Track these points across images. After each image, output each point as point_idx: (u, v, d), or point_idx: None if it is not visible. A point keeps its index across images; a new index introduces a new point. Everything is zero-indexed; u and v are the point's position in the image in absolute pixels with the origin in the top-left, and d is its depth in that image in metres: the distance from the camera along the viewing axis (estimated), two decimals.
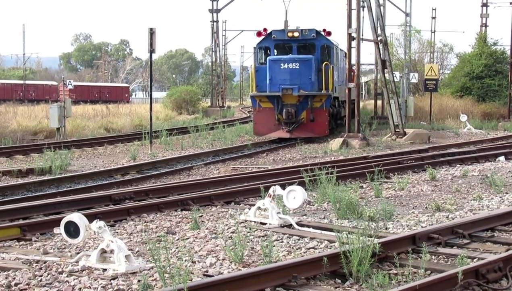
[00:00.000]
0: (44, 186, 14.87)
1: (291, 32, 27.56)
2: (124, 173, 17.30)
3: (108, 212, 11.07)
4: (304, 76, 26.27)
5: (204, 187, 14.28)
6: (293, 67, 26.14)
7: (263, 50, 28.41)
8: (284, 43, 28.01)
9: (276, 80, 26.28)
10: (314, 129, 26.73)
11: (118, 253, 7.99)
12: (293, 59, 26.50)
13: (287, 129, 26.32)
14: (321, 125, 26.66)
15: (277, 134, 26.79)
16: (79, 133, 30.27)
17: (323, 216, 11.39)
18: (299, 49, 27.62)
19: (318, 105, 26.47)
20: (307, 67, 26.41)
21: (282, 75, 26.21)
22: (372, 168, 15.57)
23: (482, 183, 15.38)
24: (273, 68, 26.42)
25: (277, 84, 26.25)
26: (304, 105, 26.48)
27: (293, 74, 26.11)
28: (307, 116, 26.51)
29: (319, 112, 26.53)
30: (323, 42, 28.04)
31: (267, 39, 28.12)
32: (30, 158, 20.95)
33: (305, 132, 26.62)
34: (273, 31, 27.98)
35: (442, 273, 7.31)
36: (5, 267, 8.12)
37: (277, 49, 28.16)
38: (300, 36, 27.53)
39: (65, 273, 7.87)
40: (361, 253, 7.68)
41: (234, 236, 9.11)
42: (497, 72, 50.14)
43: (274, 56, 27.24)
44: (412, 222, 10.89)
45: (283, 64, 26.29)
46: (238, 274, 7.29)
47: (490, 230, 10.12)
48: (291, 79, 26.07)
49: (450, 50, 71.86)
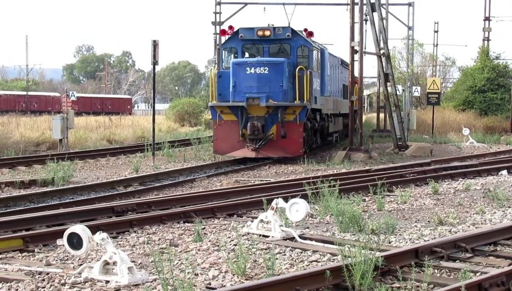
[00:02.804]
0: (46, 197, 14.87)
1: (261, 30, 23.89)
2: (127, 184, 17.30)
3: (111, 224, 11.07)
4: (275, 83, 22.32)
5: (206, 199, 14.25)
6: (261, 72, 22.26)
7: (228, 52, 24.77)
8: (254, 43, 24.39)
9: (241, 87, 22.51)
10: (286, 148, 22.72)
11: (120, 265, 8.00)
12: (261, 62, 22.56)
13: (253, 147, 22.42)
14: (294, 143, 22.67)
15: (241, 153, 22.93)
16: (82, 145, 30.30)
17: (325, 229, 11.39)
18: (271, 50, 24.02)
19: (290, 118, 22.52)
20: (278, 72, 22.42)
21: (248, 82, 22.39)
22: (375, 181, 15.61)
23: (484, 196, 15.38)
24: (237, 73, 22.68)
25: (242, 92, 22.44)
26: (273, 118, 22.52)
27: (261, 81, 22.24)
28: (278, 132, 22.50)
29: (292, 127, 22.55)
30: (300, 43, 24.21)
31: (233, 39, 24.56)
32: (33, 169, 20.98)
33: (274, 151, 22.81)
34: (241, 29, 24.42)
35: (445, 287, 7.31)
36: (8, 278, 8.13)
37: (246, 51, 24.64)
38: (272, 36, 23.82)
39: (67, 284, 7.89)
40: (364, 267, 7.68)
41: (237, 248, 9.11)
42: (499, 86, 50.27)
43: (238, 59, 23.60)
44: (414, 235, 10.89)
45: (249, 68, 22.42)
46: (240, 286, 7.29)
47: (493, 244, 10.12)
48: (258, 86, 22.24)
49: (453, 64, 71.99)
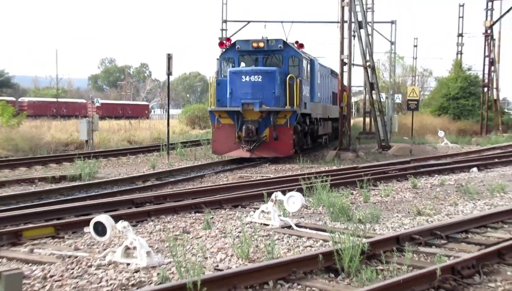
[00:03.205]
0: (75, 191, 14.88)
1: (256, 42, 23.52)
2: (145, 179, 17.30)
3: (131, 214, 11.10)
4: (267, 90, 21.92)
5: (214, 192, 14.24)
6: (256, 80, 21.91)
7: (226, 62, 24.16)
8: (249, 54, 23.84)
9: (237, 94, 22.10)
10: (278, 149, 22.23)
11: (140, 250, 8.02)
12: (255, 71, 22.18)
13: (247, 148, 22.05)
14: (285, 145, 22.16)
15: (237, 154, 22.43)
16: (105, 145, 30.29)
17: (318, 218, 11.40)
18: (265, 60, 23.67)
19: (282, 122, 22.05)
20: (270, 80, 22.00)
21: (244, 89, 21.98)
22: (361, 177, 15.60)
23: (457, 190, 15.38)
24: (234, 81, 22.22)
25: (238, 98, 22.05)
26: (266, 122, 22.08)
27: (255, 88, 21.86)
28: (270, 134, 22.06)
29: (283, 130, 22.05)
30: (291, 53, 23.78)
31: (231, 50, 24.07)
32: (63, 166, 21.00)
33: (267, 151, 22.25)
34: (237, 41, 24.21)
35: (422, 269, 7.33)
36: (42, 261, 8.16)
37: (242, 61, 24.06)
38: (266, 47, 23.35)
39: (93, 266, 7.91)
40: (352, 251, 7.70)
41: (241, 235, 9.12)
42: (470, 94, 50.29)
43: (235, 68, 23.10)
44: (396, 224, 10.91)
45: (244, 76, 22.03)
46: (244, 268, 7.31)
47: (465, 232, 10.14)
48: (253, 93, 21.86)
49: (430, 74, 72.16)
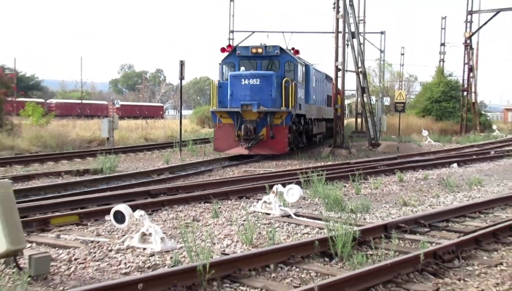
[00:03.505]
0: (97, 183, 14.90)
1: (255, 48, 23.15)
2: (159, 173, 17.31)
3: (147, 204, 11.11)
4: (265, 92, 21.45)
5: (222, 185, 14.24)
6: (254, 83, 21.45)
7: (227, 66, 23.51)
8: (249, 59, 23.29)
9: (237, 96, 21.63)
10: (274, 147, 21.71)
11: (155, 236, 8.04)
12: (254, 75, 21.71)
13: (246, 146, 21.53)
14: (280, 143, 21.63)
15: (236, 151, 21.96)
16: (124, 142, 30.33)
17: (314, 208, 11.41)
18: (263, 65, 23.08)
19: (278, 122, 21.55)
20: (267, 83, 21.54)
21: (243, 91, 21.51)
22: (353, 171, 15.60)
23: (439, 184, 15.38)
24: (234, 84, 21.76)
25: (238, 100, 21.58)
26: (263, 122, 21.58)
27: (253, 90, 21.41)
28: (267, 133, 21.56)
29: (279, 129, 21.53)
30: (287, 59, 23.20)
31: (232, 55, 23.49)
32: (86, 161, 21.03)
33: (264, 149, 21.75)
34: (238, 47, 24.10)
35: (407, 254, 7.34)
36: (67, 245, 8.19)
37: (242, 65, 23.28)
38: (264, 53, 22.92)
39: (113, 251, 7.93)
40: (344, 238, 7.71)
41: (245, 223, 9.13)
42: (451, 97, 50.29)
43: (235, 72, 22.55)
44: (384, 214, 10.92)
45: (244, 80, 21.58)
46: (248, 253, 7.33)
47: (445, 221, 10.15)
48: (251, 95, 21.43)
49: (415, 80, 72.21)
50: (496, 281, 6.81)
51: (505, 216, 10.78)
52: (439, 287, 6.58)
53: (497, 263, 7.60)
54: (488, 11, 43.61)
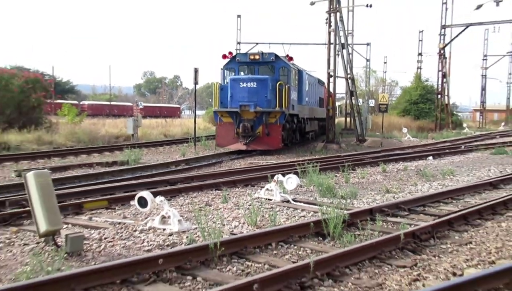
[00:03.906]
0: (123, 173, 14.93)
1: (252, 55, 22.70)
2: (177, 164, 17.32)
3: (166, 191, 11.12)
4: (261, 94, 20.98)
5: (230, 175, 14.25)
6: (251, 86, 21.02)
7: (228, 71, 22.92)
8: (247, 64, 22.74)
9: (236, 97, 21.12)
10: (269, 143, 21.19)
11: (173, 218, 8.05)
12: (251, 79, 21.28)
13: (244, 142, 21.12)
14: (275, 140, 21.14)
15: (236, 147, 21.36)
16: (147, 138, 30.35)
17: (310, 195, 11.41)
18: (260, 70, 22.53)
19: (272, 121, 21.05)
20: (263, 86, 21.04)
21: (241, 93, 21.05)
22: (343, 163, 15.61)
23: (417, 174, 15.36)
24: (234, 86, 21.23)
25: (237, 101, 21.09)
26: (260, 121, 21.08)
27: (251, 93, 20.98)
28: (263, 131, 21.11)
29: (273, 127, 21.07)
30: (282, 64, 22.55)
31: (232, 61, 22.91)
32: (114, 154, 21.06)
33: (260, 145, 21.21)
34: (238, 54, 23.41)
35: (390, 234, 7.33)
36: (98, 226, 8.21)
37: (241, 70, 22.81)
38: (261, 59, 22.42)
39: (137, 231, 7.95)
40: (336, 220, 7.71)
41: (251, 207, 9.14)
42: (427, 100, 50.24)
43: (235, 76, 22.01)
44: (370, 199, 10.91)
45: (242, 83, 21.12)
46: (253, 233, 7.34)
47: (422, 206, 10.14)
48: (249, 97, 20.96)
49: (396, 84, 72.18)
50: (466, 258, 6.80)
51: (474, 201, 10.77)
52: (417, 262, 6.58)
53: (467, 242, 7.60)
54: (459, 25, 43.50)
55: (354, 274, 6.13)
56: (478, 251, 7.11)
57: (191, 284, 5.76)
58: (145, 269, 5.85)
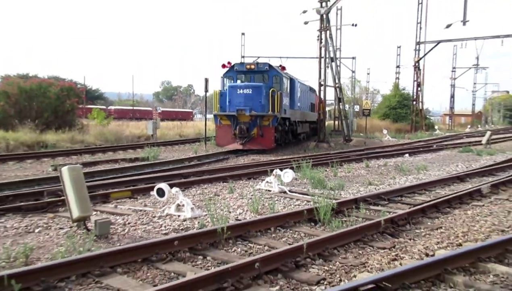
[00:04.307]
0: (144, 168, 14.93)
1: (248, 65, 22.06)
2: (190, 160, 17.29)
3: (181, 183, 11.11)
4: (256, 100, 20.40)
5: (235, 169, 14.27)
6: (247, 93, 20.45)
7: (227, 79, 22.26)
8: (244, 73, 22.13)
9: (234, 102, 20.56)
10: (262, 143, 20.51)
11: (186, 206, 8.05)
12: (247, 86, 20.66)
13: (240, 142, 20.56)
14: (268, 140, 20.49)
15: (233, 146, 20.72)
16: (164, 138, 30.32)
17: (303, 186, 11.40)
18: (255, 78, 21.93)
19: (266, 123, 20.40)
20: (258, 92, 20.48)
21: (238, 99, 20.47)
22: (332, 160, 15.60)
23: (395, 169, 15.33)
24: (231, 93, 20.66)
25: (234, 105, 20.52)
26: (255, 123, 20.46)
27: (247, 98, 20.39)
28: (257, 132, 20.47)
29: (267, 129, 20.42)
30: (275, 73, 21.79)
31: (231, 70, 22.25)
32: (136, 151, 21.03)
33: (255, 145, 20.55)
34: (236, 64, 22.37)
35: (372, 220, 7.33)
36: (122, 213, 8.21)
37: (239, 78, 22.21)
38: (256, 68, 21.85)
39: (156, 217, 7.95)
40: (326, 208, 7.70)
41: (253, 197, 9.14)
42: (404, 106, 50.20)
43: (232, 84, 21.42)
44: (355, 190, 10.89)
45: (239, 90, 20.55)
46: (255, 219, 7.33)
47: (400, 196, 10.12)
48: (245, 102, 20.38)
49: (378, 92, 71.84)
50: (437, 241, 6.79)
51: (444, 192, 10.75)
52: (395, 244, 6.57)
53: (438, 227, 7.59)
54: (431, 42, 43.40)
55: (341, 254, 6.13)
56: (447, 235, 7.10)
57: (201, 263, 5.76)
58: (162, 250, 5.85)
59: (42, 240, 6.63)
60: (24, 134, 21.85)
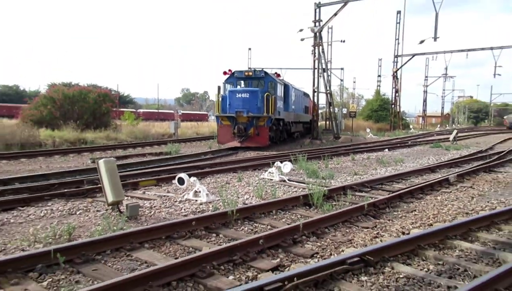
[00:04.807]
0: (168, 161, 14.90)
1: (247, 72, 21.21)
2: (205, 154, 17.25)
3: (198, 173, 11.10)
4: (253, 103, 19.67)
5: (243, 162, 14.22)
6: (245, 96, 19.71)
7: (228, 84, 21.41)
8: (243, 79, 21.33)
9: (233, 105, 19.84)
10: (258, 141, 19.79)
11: (202, 192, 8.05)
12: (245, 90, 19.97)
13: (239, 140, 19.82)
14: (263, 138, 19.78)
15: (232, 144, 19.86)
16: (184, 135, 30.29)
17: (300, 176, 11.36)
18: (253, 84, 21.14)
19: (261, 124, 19.68)
20: (255, 96, 19.74)
21: (237, 102, 19.75)
22: (324, 154, 15.54)
23: (377, 161, 15.25)
24: (231, 97, 19.93)
25: (234, 108, 19.81)
26: (251, 124, 19.76)
27: (245, 101, 19.67)
28: (254, 132, 19.75)
29: (262, 129, 19.74)
30: (270, 79, 21.04)
31: (231, 76, 21.44)
32: (161, 147, 21.04)
33: (252, 143, 19.80)
34: (235, 71, 21.46)
35: (357, 204, 7.29)
36: (149, 198, 8.21)
37: (238, 84, 21.42)
38: (253, 75, 21.07)
39: (177, 201, 7.95)
40: (318, 194, 7.68)
41: (258, 185, 9.13)
42: (384, 109, 49.94)
43: (232, 88, 20.66)
44: (343, 179, 10.85)
45: (238, 94, 19.82)
46: (260, 203, 7.32)
47: (381, 184, 10.07)
48: (243, 105, 19.67)
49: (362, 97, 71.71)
50: (411, 221, 6.76)
51: (418, 181, 10.68)
52: (376, 224, 6.54)
53: (412, 210, 7.54)
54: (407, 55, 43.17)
55: (331, 232, 6.11)
56: (420, 217, 7.06)
57: (215, 239, 5.76)
58: (182, 229, 5.86)
59: (83, 221, 6.65)
60: (67, 133, 21.99)
